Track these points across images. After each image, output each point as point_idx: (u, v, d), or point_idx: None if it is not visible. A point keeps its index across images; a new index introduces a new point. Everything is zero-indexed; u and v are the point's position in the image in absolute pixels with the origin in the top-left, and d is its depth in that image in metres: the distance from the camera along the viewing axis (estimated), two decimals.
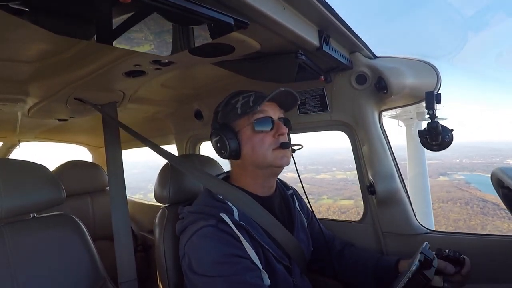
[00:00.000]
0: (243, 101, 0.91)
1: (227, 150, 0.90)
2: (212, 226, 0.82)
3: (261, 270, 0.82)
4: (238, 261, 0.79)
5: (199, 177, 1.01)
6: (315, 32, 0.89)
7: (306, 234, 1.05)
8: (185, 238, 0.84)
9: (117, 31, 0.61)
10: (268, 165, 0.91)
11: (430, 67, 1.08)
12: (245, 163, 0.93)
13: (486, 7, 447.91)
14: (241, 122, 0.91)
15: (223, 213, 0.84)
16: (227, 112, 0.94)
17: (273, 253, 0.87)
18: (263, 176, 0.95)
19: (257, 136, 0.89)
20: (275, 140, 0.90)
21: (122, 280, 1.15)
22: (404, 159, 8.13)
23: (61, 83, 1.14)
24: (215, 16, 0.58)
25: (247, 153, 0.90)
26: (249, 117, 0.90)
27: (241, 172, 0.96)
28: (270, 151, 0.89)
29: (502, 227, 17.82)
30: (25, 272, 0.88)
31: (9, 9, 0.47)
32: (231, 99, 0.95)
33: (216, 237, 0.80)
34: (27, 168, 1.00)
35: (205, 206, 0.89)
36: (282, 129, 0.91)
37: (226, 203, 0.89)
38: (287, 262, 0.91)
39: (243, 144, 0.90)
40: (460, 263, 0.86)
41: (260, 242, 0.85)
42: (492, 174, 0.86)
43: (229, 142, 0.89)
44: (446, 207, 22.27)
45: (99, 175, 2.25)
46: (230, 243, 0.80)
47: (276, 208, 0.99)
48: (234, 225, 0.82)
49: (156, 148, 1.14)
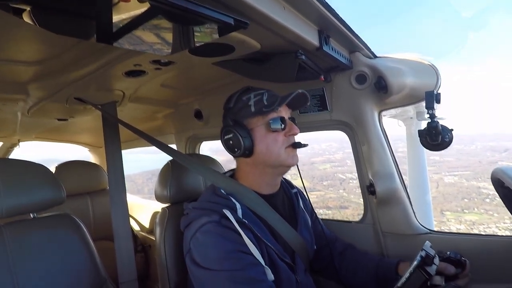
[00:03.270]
0: (255, 99, 0.91)
1: (241, 148, 0.89)
2: (215, 222, 0.82)
3: (265, 266, 0.82)
4: (242, 256, 0.80)
5: (205, 174, 1.01)
6: (315, 32, 0.89)
7: (309, 232, 1.06)
8: (190, 234, 0.85)
9: (117, 31, 0.61)
10: (280, 164, 0.92)
11: (430, 66, 1.08)
12: (256, 161, 0.92)
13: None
14: (254, 120, 0.91)
15: (226, 209, 0.85)
16: (239, 108, 0.93)
17: (276, 251, 0.88)
18: (272, 175, 0.96)
19: (271, 135, 0.90)
20: (286, 139, 0.91)
21: (122, 280, 1.15)
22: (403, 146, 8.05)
23: (61, 83, 1.14)
24: (215, 16, 0.58)
25: (260, 152, 0.90)
26: (264, 116, 0.90)
27: (250, 170, 0.96)
28: (283, 150, 0.90)
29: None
30: (25, 272, 0.88)
31: (9, 9, 0.47)
32: (242, 95, 0.94)
33: (219, 233, 0.81)
34: (27, 168, 0.99)
35: (208, 202, 0.90)
36: (295, 129, 0.92)
37: (230, 199, 0.89)
38: (289, 260, 0.91)
39: (256, 142, 0.90)
40: (461, 265, 0.86)
41: (263, 240, 0.86)
42: (492, 174, 0.86)
43: (244, 140, 0.89)
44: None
45: (99, 175, 2.25)
46: (233, 239, 0.81)
47: (279, 205, 0.99)
48: (236, 222, 0.83)
49: (160, 145, 1.14)
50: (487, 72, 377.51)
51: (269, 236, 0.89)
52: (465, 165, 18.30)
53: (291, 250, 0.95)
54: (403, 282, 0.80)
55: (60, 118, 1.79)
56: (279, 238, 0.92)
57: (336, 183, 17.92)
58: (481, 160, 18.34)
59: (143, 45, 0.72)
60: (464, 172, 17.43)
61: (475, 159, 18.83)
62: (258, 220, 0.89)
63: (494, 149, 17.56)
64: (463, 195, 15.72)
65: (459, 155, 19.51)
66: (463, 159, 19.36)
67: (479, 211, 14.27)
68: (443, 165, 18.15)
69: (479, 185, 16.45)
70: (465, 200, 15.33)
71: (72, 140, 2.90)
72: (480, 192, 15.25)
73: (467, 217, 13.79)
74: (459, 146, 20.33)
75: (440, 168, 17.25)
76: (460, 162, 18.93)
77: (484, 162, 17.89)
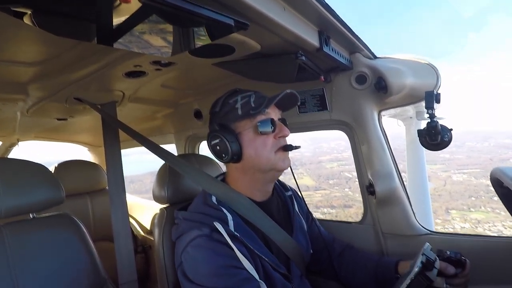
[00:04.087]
0: (242, 102, 0.88)
1: (228, 154, 0.85)
2: (206, 236, 0.79)
3: (259, 280, 0.79)
4: (235, 272, 0.77)
5: (197, 179, 0.98)
6: (315, 33, 0.89)
7: (305, 237, 1.04)
8: (181, 247, 0.83)
9: (117, 33, 0.61)
10: (270, 168, 0.88)
11: (429, 67, 1.08)
12: (245, 166, 0.89)
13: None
14: (242, 123, 0.87)
15: (217, 222, 0.82)
16: (225, 112, 0.89)
17: (270, 263, 0.85)
18: (263, 181, 0.92)
19: (259, 138, 0.86)
20: (276, 142, 0.87)
21: (122, 281, 1.14)
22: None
23: (61, 83, 1.13)
24: (216, 18, 0.58)
25: (249, 156, 0.87)
26: (251, 118, 0.86)
27: (239, 176, 0.93)
28: (273, 154, 0.86)
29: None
30: (25, 272, 0.88)
31: (10, 10, 0.47)
32: (228, 98, 0.91)
33: (210, 247, 0.78)
34: (26, 168, 0.99)
35: (199, 214, 0.87)
36: (285, 131, 0.88)
37: (221, 209, 0.86)
38: (284, 271, 0.89)
39: (245, 146, 0.86)
40: (461, 265, 0.86)
41: (257, 253, 0.83)
42: (491, 174, 0.86)
43: (231, 145, 0.85)
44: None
45: (99, 174, 2.24)
46: (225, 253, 0.78)
47: (274, 212, 0.97)
48: (228, 236, 0.80)
49: (153, 148, 1.12)
50: (487, 72, 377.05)
51: (263, 248, 0.86)
52: (476, 163, 17.91)
53: (286, 257, 0.92)
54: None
55: (59, 117, 1.79)
56: (273, 246, 0.90)
57: (342, 182, 17.71)
58: (493, 158, 17.90)
59: (143, 47, 0.72)
60: (473, 170, 17.05)
61: (487, 156, 18.40)
62: (251, 232, 0.87)
63: (508, 147, 17.27)
64: (471, 193, 15.49)
65: (470, 153, 19.17)
66: (474, 157, 18.95)
67: (486, 209, 14.05)
68: (452, 163, 17.85)
69: (488, 183, 16.45)
70: (472, 198, 15.12)
71: (72, 140, 2.89)
72: (488, 190, 15.06)
73: (473, 216, 13.64)
74: (471, 143, 19.88)
75: (449, 166, 16.98)
76: (471, 159, 18.55)
77: (495, 159, 17.51)
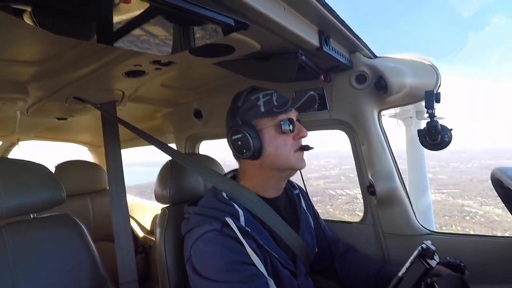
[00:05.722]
0: (264, 99, 0.89)
1: (250, 150, 0.85)
2: (217, 230, 0.80)
3: (267, 277, 0.80)
4: (244, 268, 0.77)
5: (206, 176, 0.98)
6: (315, 33, 0.89)
7: (311, 235, 1.04)
8: (191, 241, 0.83)
9: (118, 32, 0.61)
10: (289, 168, 0.90)
11: (430, 66, 1.08)
12: (264, 164, 0.89)
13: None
14: (263, 121, 0.88)
15: (228, 217, 0.82)
16: (247, 108, 0.89)
17: (279, 259, 0.86)
18: (279, 178, 0.94)
19: (280, 136, 0.87)
20: (295, 142, 0.89)
21: (122, 281, 1.14)
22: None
23: (61, 83, 1.13)
24: (216, 17, 0.58)
25: (269, 154, 0.87)
26: (273, 117, 0.88)
27: (256, 173, 0.93)
28: (292, 153, 0.88)
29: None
30: (26, 273, 0.88)
31: (9, 9, 0.47)
32: (250, 94, 0.91)
33: (221, 242, 0.79)
34: (27, 168, 0.99)
35: (210, 209, 0.87)
36: (304, 132, 0.90)
37: (232, 205, 0.87)
38: (292, 267, 0.90)
39: (265, 144, 0.87)
40: (460, 270, 0.86)
41: (266, 249, 0.84)
42: (491, 174, 0.86)
43: (253, 141, 0.85)
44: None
45: (99, 174, 2.24)
46: (235, 248, 0.79)
47: (282, 208, 0.98)
48: (238, 231, 0.81)
49: (160, 145, 1.12)
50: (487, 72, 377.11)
51: (273, 244, 0.87)
52: (456, 183, 18.90)
53: (292, 254, 0.93)
54: (404, 272, 0.80)
55: (59, 117, 1.79)
56: (280, 243, 0.90)
57: (325, 199, 18.45)
58: (472, 179, 18.94)
59: (143, 46, 0.72)
60: (452, 190, 17.98)
61: (467, 177, 19.35)
62: (261, 227, 0.87)
63: (490, 168, 18.73)
64: (445, 212, 16.29)
65: (453, 173, 19.91)
66: (455, 177, 19.91)
67: (456, 228, 14.85)
68: (434, 183, 18.69)
69: (463, 203, 16.90)
70: (446, 217, 15.83)
71: (72, 140, 2.89)
72: (462, 210, 15.89)
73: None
74: (456, 164, 20.90)
75: (430, 185, 17.99)
76: (452, 180, 19.51)
77: (475, 180, 18.55)
